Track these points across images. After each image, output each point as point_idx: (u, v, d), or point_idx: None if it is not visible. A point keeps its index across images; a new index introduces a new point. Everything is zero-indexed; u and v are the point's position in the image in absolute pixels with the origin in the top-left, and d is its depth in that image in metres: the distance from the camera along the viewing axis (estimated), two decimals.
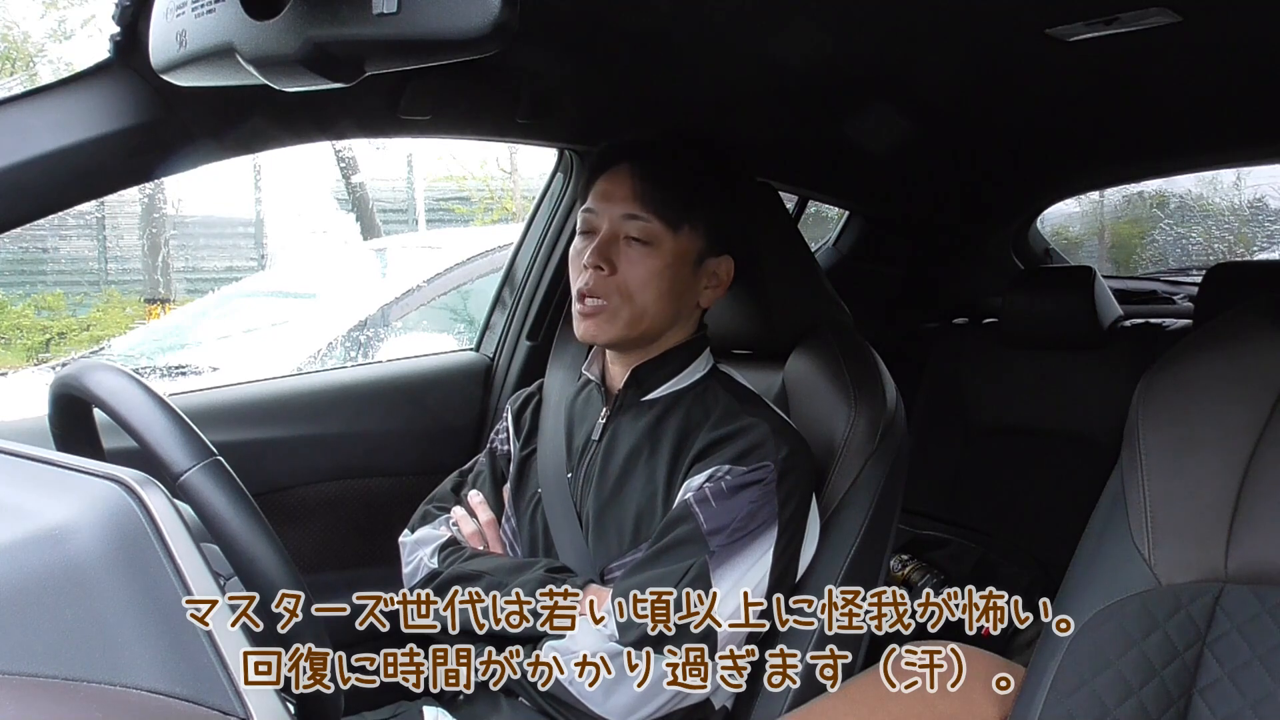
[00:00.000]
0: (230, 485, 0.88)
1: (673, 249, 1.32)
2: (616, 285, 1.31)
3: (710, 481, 1.25)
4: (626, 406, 1.37)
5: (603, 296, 1.31)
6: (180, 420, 0.91)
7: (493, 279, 3.20)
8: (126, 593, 0.73)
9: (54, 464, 0.86)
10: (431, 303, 3.57)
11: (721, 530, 1.21)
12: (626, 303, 1.31)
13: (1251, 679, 1.01)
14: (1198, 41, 1.48)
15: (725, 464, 1.25)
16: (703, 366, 1.39)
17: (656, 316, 1.33)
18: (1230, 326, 1.15)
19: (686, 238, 1.33)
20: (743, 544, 1.21)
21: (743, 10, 1.32)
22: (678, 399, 1.35)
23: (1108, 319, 2.55)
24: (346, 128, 1.49)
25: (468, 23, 0.77)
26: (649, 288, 1.31)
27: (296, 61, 0.83)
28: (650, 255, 1.31)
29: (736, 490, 1.23)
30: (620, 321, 1.31)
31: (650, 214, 1.31)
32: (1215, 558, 1.05)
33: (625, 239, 1.31)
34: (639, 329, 1.33)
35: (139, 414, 0.90)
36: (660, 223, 1.31)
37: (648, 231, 1.31)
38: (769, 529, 1.23)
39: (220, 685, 0.73)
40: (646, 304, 1.31)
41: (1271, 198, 5.73)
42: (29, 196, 1.17)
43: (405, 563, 1.43)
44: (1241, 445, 1.07)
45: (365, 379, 2.00)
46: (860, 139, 2.07)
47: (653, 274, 1.31)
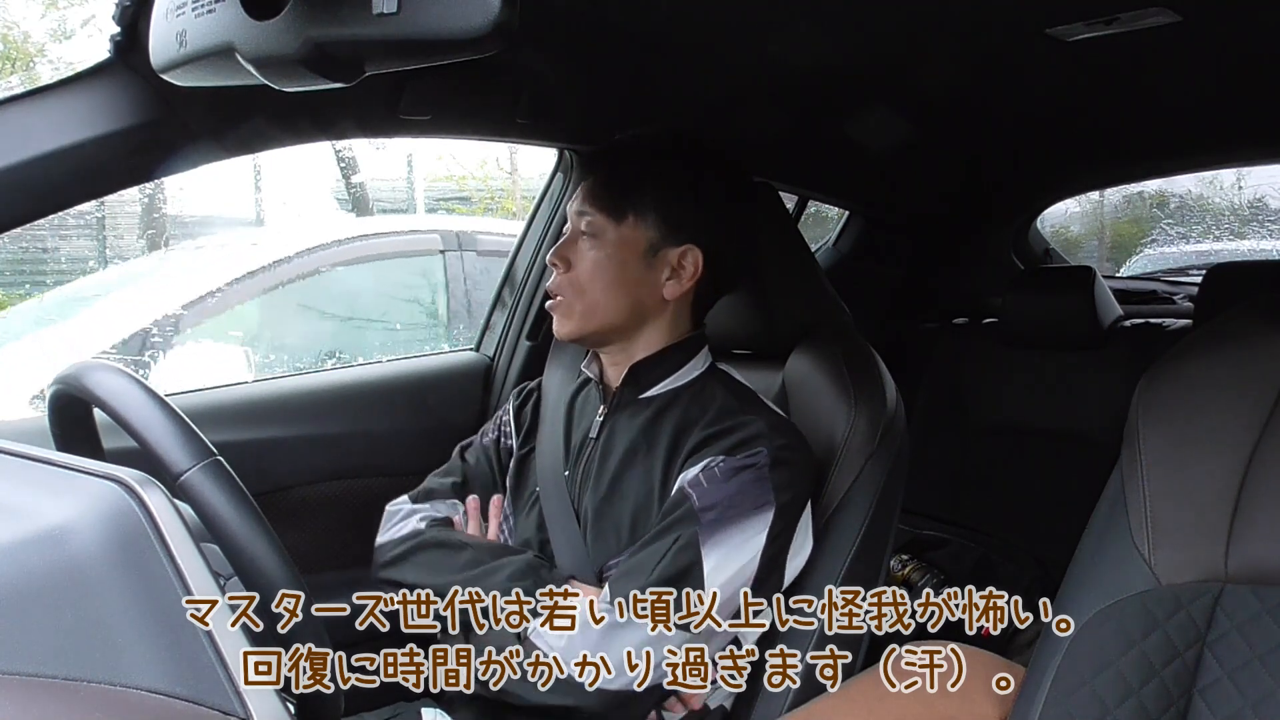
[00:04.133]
0: (230, 485, 0.88)
1: (616, 239, 1.34)
2: (570, 281, 1.35)
3: (704, 471, 1.25)
4: (624, 404, 1.37)
5: (560, 293, 1.35)
6: (180, 420, 0.91)
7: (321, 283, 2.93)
8: (126, 593, 0.73)
9: (54, 464, 0.86)
10: (227, 312, 3.07)
11: (713, 507, 1.21)
12: (579, 296, 1.34)
13: (1251, 679, 1.01)
14: (1198, 41, 1.48)
15: (720, 455, 1.25)
16: (701, 364, 1.39)
17: (609, 308, 1.34)
18: (1230, 326, 1.14)
19: (632, 228, 1.34)
20: (734, 521, 1.21)
21: (743, 10, 1.32)
22: (675, 397, 1.35)
23: (1108, 319, 2.55)
24: (346, 128, 1.49)
25: (468, 23, 0.77)
26: (595, 280, 1.34)
27: (296, 61, 0.83)
28: (595, 247, 1.34)
29: (730, 475, 1.23)
30: (575, 315, 1.35)
31: (594, 208, 1.34)
32: (1215, 558, 1.05)
33: (580, 236, 1.36)
34: (594, 322, 1.35)
35: (139, 414, 0.90)
36: (603, 215, 1.34)
37: (593, 225, 1.34)
38: (763, 511, 1.22)
39: (220, 685, 0.73)
40: (596, 296, 1.34)
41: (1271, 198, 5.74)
42: (29, 196, 1.17)
43: (391, 527, 1.43)
44: (1242, 445, 1.07)
45: (365, 379, 2.00)
46: (860, 139, 2.07)
47: (597, 265, 1.34)
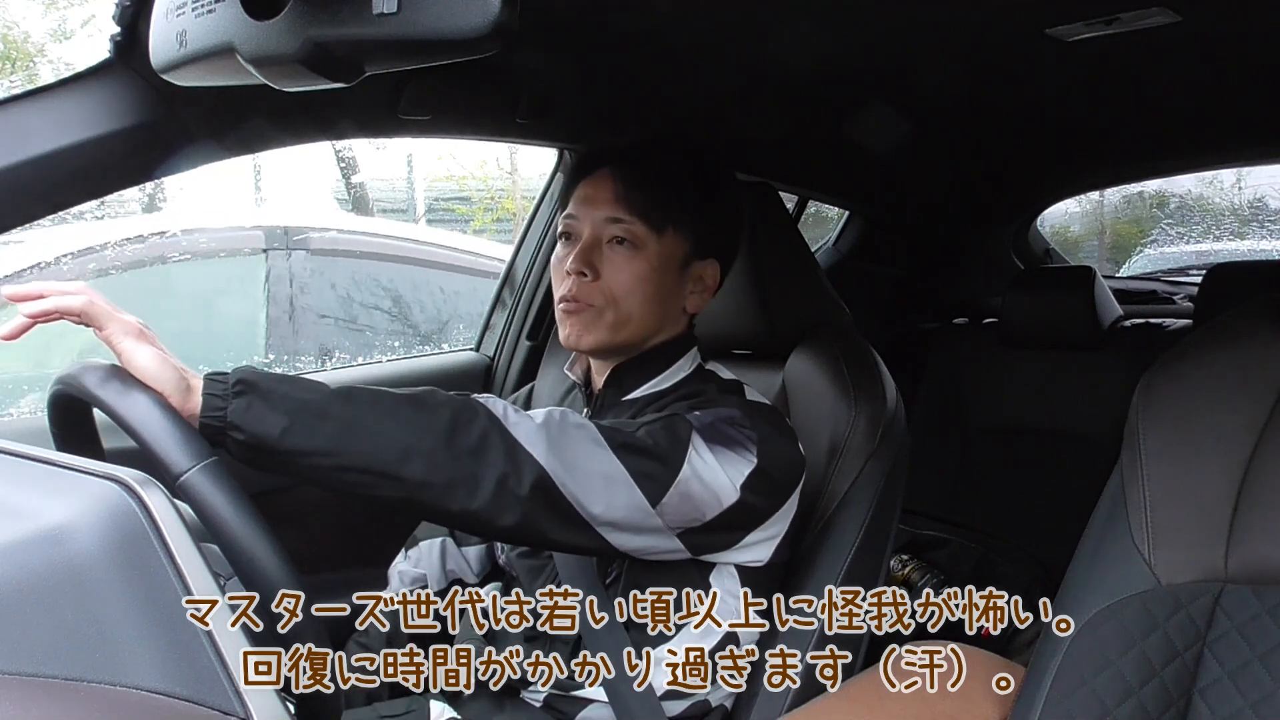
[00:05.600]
0: (229, 485, 0.88)
1: (658, 252, 1.29)
2: (600, 290, 1.28)
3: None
4: (607, 406, 1.34)
5: (587, 301, 1.27)
6: (179, 420, 0.91)
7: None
8: (126, 593, 0.73)
9: (54, 464, 0.86)
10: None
11: (698, 420, 1.18)
12: (611, 307, 1.28)
13: (1251, 679, 1.01)
14: (1198, 41, 1.48)
15: (695, 410, 1.22)
16: (687, 366, 1.35)
17: (642, 321, 1.30)
18: (1230, 326, 1.15)
19: (671, 241, 1.30)
20: (715, 440, 1.17)
21: (742, 10, 1.32)
22: (658, 398, 1.32)
23: (1107, 319, 2.55)
24: (346, 128, 1.49)
25: (467, 23, 0.77)
26: (635, 292, 1.28)
27: (296, 61, 0.83)
28: (635, 258, 1.28)
29: (705, 414, 1.21)
30: (603, 325, 1.28)
31: (633, 216, 1.28)
32: (1215, 558, 1.05)
33: (608, 243, 1.29)
34: (623, 334, 1.30)
35: (138, 414, 0.90)
36: (644, 225, 1.28)
37: (632, 234, 1.28)
38: (746, 446, 1.18)
39: (220, 685, 0.73)
40: (632, 309, 1.28)
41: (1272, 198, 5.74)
42: (29, 196, 1.17)
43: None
44: (1242, 445, 1.07)
45: (364, 378, 2.00)
46: (860, 139, 2.07)
47: (638, 278, 1.28)
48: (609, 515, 1.09)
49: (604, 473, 1.09)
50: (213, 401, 0.92)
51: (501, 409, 1.06)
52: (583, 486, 1.07)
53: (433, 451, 1.00)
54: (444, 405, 1.03)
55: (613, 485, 1.09)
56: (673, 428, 1.15)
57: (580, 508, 1.07)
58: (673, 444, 1.14)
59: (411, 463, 0.99)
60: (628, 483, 1.10)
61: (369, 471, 0.98)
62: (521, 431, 1.05)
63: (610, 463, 1.09)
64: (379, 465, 0.98)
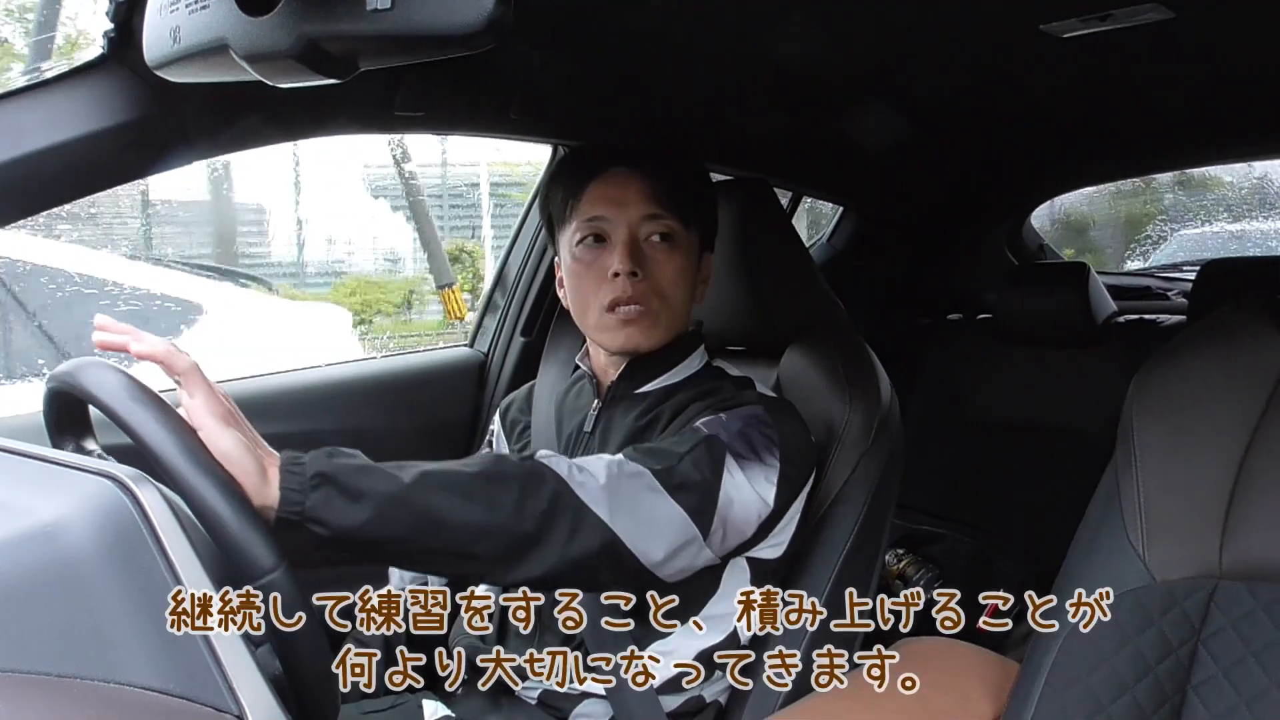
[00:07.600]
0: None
1: (687, 245, 1.33)
2: (652, 289, 1.29)
3: (708, 422, 1.22)
4: (620, 398, 1.36)
5: (641, 303, 1.28)
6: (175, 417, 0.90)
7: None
8: (120, 589, 0.73)
9: (47, 460, 0.86)
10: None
11: (727, 431, 1.19)
12: (665, 306, 1.30)
13: (1246, 675, 1.01)
14: (1192, 38, 1.48)
15: (720, 413, 1.23)
16: (698, 361, 1.38)
17: (684, 315, 1.34)
18: (1224, 322, 1.15)
19: (693, 234, 1.35)
20: (745, 454, 1.18)
21: (736, 6, 1.32)
22: (671, 392, 1.34)
23: (1101, 315, 2.56)
24: (341, 124, 1.48)
25: (462, 18, 0.77)
26: (679, 286, 1.31)
27: (290, 57, 0.83)
28: (675, 253, 1.31)
29: (735, 418, 1.22)
30: (662, 326, 1.31)
31: (669, 212, 1.30)
32: (1210, 554, 1.05)
33: (646, 240, 1.30)
34: (673, 331, 1.33)
35: (134, 412, 0.90)
36: (678, 220, 1.31)
37: (670, 229, 1.31)
38: (770, 451, 1.20)
39: (214, 682, 0.72)
40: (679, 304, 1.32)
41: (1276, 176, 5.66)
42: (23, 193, 1.16)
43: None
44: (1236, 441, 1.07)
45: (359, 375, 1.99)
46: (855, 135, 2.07)
47: (680, 272, 1.31)
48: (666, 557, 1.10)
49: (663, 518, 1.10)
50: (290, 495, 0.89)
51: (566, 469, 1.06)
52: (645, 538, 1.08)
53: (504, 526, 1.00)
54: (513, 477, 1.02)
55: (672, 528, 1.11)
56: (712, 453, 1.16)
57: (643, 559, 1.08)
58: (714, 472, 1.15)
59: (485, 540, 0.99)
60: (685, 522, 1.11)
61: (446, 553, 0.99)
62: (588, 493, 1.05)
63: (669, 507, 1.11)
64: (456, 547, 0.98)
